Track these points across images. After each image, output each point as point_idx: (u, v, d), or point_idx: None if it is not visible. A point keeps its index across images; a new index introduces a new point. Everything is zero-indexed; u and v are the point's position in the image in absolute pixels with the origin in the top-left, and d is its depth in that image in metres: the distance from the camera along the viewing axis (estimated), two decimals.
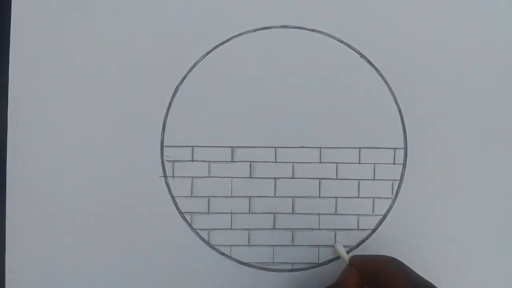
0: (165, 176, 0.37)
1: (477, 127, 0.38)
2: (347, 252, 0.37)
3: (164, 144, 0.37)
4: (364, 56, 0.38)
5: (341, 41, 0.38)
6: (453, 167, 0.38)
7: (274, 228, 0.37)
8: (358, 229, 0.37)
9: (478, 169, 0.38)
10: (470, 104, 0.38)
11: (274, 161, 0.37)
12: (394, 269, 0.31)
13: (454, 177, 0.38)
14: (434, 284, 0.30)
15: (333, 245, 0.37)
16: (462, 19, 0.38)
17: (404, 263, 0.32)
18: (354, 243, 0.37)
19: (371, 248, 0.37)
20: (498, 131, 0.38)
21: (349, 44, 0.38)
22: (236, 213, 0.37)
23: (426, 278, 0.31)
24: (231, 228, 0.37)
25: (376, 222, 0.37)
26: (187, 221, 0.37)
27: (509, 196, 0.38)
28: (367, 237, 0.37)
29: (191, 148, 0.37)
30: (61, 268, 0.36)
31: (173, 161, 0.37)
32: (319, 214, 0.37)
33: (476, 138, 0.38)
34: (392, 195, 0.37)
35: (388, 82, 0.38)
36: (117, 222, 0.37)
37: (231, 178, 0.37)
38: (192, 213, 0.37)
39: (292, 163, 0.37)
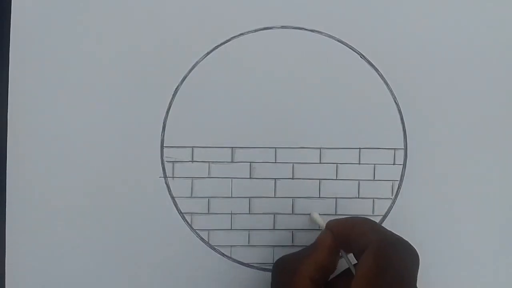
0: (165, 177, 0.37)
1: (477, 127, 0.38)
2: None
3: (164, 145, 0.37)
4: (364, 57, 0.38)
5: (341, 42, 0.38)
6: (453, 167, 0.38)
7: (274, 229, 0.37)
8: None
9: (478, 169, 0.38)
10: (470, 104, 0.38)
11: (274, 161, 0.37)
12: (365, 225, 0.32)
13: (454, 177, 0.38)
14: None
15: (309, 214, 0.36)
16: (462, 19, 0.38)
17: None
18: None
19: None
20: (498, 131, 0.38)
21: (349, 45, 0.38)
22: (236, 213, 0.37)
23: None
24: (231, 229, 0.37)
25: None
26: (187, 221, 0.37)
27: (509, 196, 0.38)
28: None
29: (191, 148, 0.37)
30: (61, 268, 0.36)
31: (173, 162, 0.37)
32: (319, 214, 0.37)
33: (476, 138, 0.38)
34: (392, 195, 0.37)
35: (388, 82, 0.38)
36: (117, 222, 0.37)
37: (231, 179, 0.37)
38: (192, 213, 0.37)
39: (292, 164, 0.37)
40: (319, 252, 0.32)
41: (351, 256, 0.33)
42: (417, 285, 0.30)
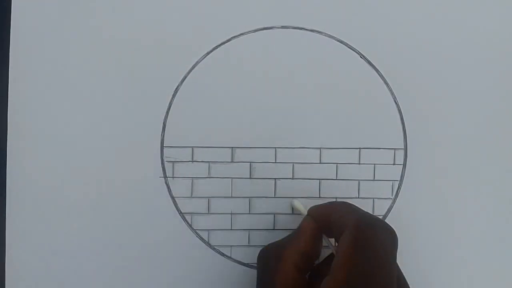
0: (165, 177, 0.37)
1: (477, 127, 0.38)
2: None
3: (164, 145, 0.37)
4: (364, 57, 0.38)
5: (341, 42, 0.38)
6: (453, 167, 0.38)
7: (274, 229, 0.37)
8: None
9: (478, 169, 0.38)
10: (470, 104, 0.38)
11: (274, 161, 0.37)
12: (343, 208, 0.32)
13: (454, 177, 0.38)
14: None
15: (291, 202, 0.36)
16: (462, 19, 0.38)
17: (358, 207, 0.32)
18: None
19: None
20: (498, 131, 0.38)
21: (349, 45, 0.38)
22: (236, 213, 0.37)
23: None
24: (231, 229, 0.37)
25: None
26: (187, 221, 0.37)
27: (509, 196, 0.38)
28: None
29: (191, 148, 0.37)
30: (61, 268, 0.37)
31: (173, 162, 0.37)
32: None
33: (476, 138, 0.38)
34: (392, 195, 0.37)
35: (388, 82, 0.38)
36: (117, 222, 0.37)
37: (231, 179, 0.37)
38: (192, 213, 0.37)
39: (292, 164, 0.37)
40: (302, 239, 0.32)
41: (332, 241, 0.33)
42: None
